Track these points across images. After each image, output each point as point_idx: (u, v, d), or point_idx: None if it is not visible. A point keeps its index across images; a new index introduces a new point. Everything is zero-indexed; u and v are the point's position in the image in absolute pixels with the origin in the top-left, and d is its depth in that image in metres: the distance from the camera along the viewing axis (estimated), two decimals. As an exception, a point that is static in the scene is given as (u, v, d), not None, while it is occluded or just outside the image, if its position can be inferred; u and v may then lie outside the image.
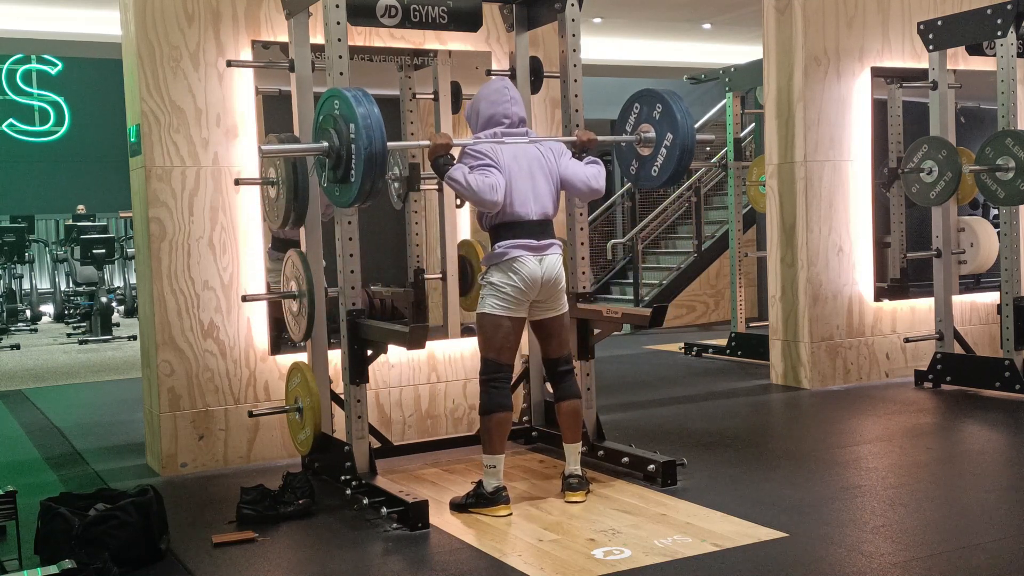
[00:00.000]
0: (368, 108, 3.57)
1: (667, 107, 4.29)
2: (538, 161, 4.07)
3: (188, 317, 4.82)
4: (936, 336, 6.35)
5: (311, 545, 3.70)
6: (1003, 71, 5.96)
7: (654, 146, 4.36)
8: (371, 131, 3.54)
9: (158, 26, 4.74)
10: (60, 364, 9.52)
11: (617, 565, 3.31)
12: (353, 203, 3.71)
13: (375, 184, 3.61)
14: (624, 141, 4.46)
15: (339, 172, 3.70)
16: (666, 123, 4.30)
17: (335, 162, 3.71)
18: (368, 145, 3.53)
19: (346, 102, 3.63)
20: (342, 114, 3.66)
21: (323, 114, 3.79)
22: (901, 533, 3.56)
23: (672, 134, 4.27)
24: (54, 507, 3.54)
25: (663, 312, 4.31)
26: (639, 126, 4.41)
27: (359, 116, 3.55)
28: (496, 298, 3.99)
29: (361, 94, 3.63)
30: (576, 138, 4.30)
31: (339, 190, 3.75)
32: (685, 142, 4.25)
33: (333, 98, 3.74)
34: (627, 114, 4.48)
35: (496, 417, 3.99)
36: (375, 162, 3.55)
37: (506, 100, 4.11)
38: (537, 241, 4.01)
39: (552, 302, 4.10)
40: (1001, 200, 5.95)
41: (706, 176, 11.28)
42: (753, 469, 4.54)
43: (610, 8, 10.95)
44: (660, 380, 7.32)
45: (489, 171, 3.93)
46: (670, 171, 4.32)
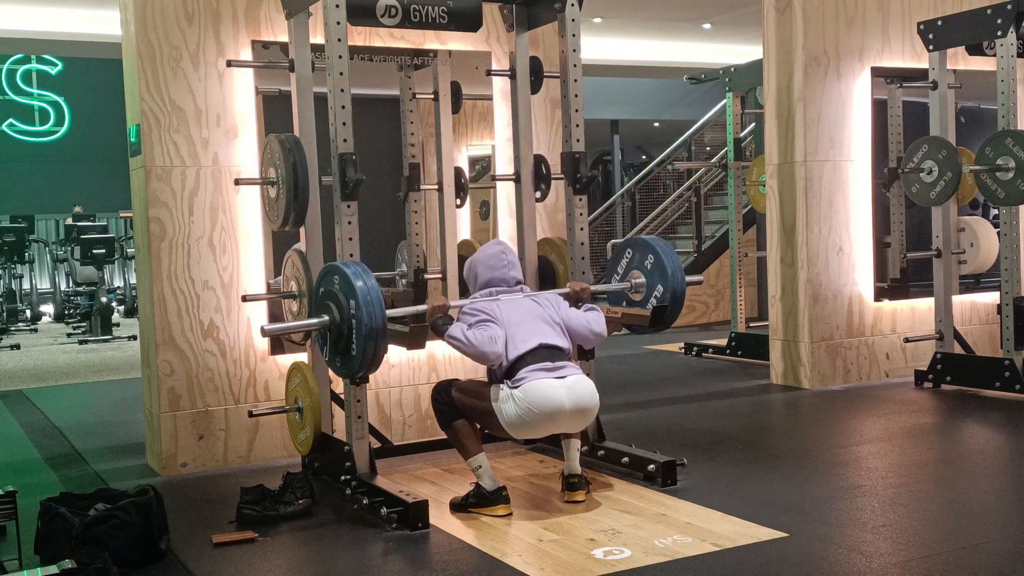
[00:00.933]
0: (366, 282, 3.67)
1: (658, 259, 4.36)
2: (537, 312, 4.11)
3: (188, 317, 4.82)
4: (936, 336, 6.35)
5: (311, 545, 3.70)
6: (1003, 71, 5.96)
7: (645, 294, 4.43)
8: (371, 308, 3.63)
9: (158, 26, 4.74)
10: (60, 364, 9.52)
11: (617, 565, 3.31)
12: (355, 373, 3.79)
13: (376, 354, 3.69)
14: (616, 289, 4.52)
15: (340, 345, 3.79)
16: (656, 274, 4.37)
17: (336, 336, 3.79)
18: (369, 322, 3.62)
19: (345, 279, 3.70)
20: (342, 290, 3.73)
21: (323, 288, 3.86)
22: (901, 533, 3.56)
23: (662, 286, 4.34)
24: (54, 507, 3.54)
25: (663, 312, 4.32)
26: (629, 272, 4.49)
27: (358, 292, 3.63)
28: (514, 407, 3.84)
29: (360, 270, 3.73)
30: (569, 290, 4.33)
31: (341, 360, 3.83)
32: (675, 293, 4.32)
33: (332, 274, 3.81)
34: (619, 258, 4.56)
35: (457, 425, 4.02)
36: (376, 334, 3.64)
37: (504, 265, 4.20)
38: (552, 363, 3.93)
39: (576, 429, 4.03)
40: (1001, 200, 5.95)
41: (706, 176, 11.28)
42: (753, 469, 4.54)
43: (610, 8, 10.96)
44: (660, 380, 7.32)
45: (487, 325, 3.96)
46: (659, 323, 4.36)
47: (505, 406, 3.87)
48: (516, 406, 3.84)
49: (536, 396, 3.82)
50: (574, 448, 4.13)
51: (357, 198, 4.17)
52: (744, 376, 7.21)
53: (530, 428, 3.92)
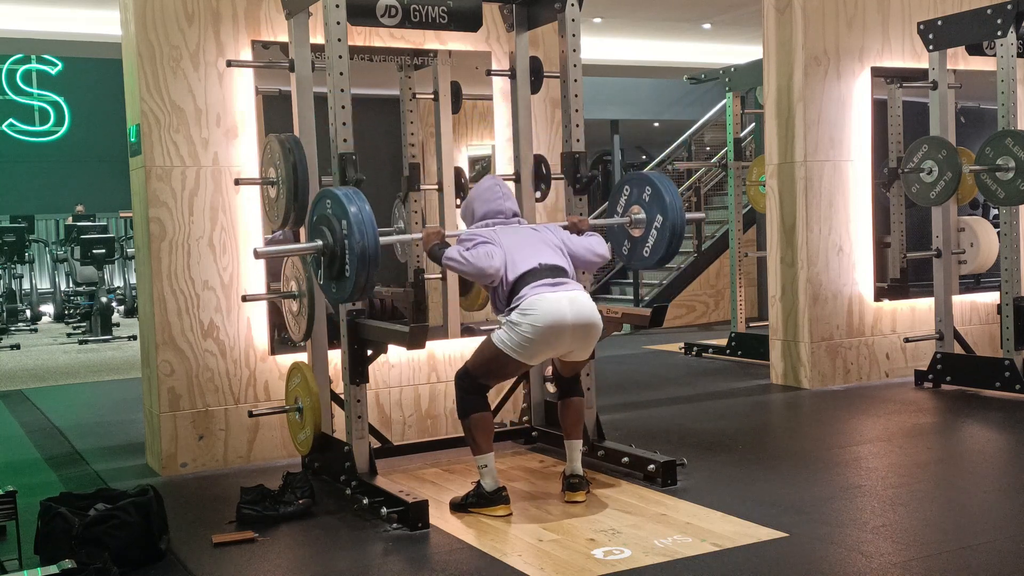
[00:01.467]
0: (359, 206, 3.65)
1: (656, 189, 4.34)
2: (537, 236, 4.10)
3: (188, 317, 4.82)
4: (936, 336, 6.35)
5: (311, 545, 3.70)
6: (1003, 71, 5.96)
7: (644, 227, 4.41)
8: (363, 228, 3.61)
9: (158, 26, 4.74)
10: (60, 364, 9.52)
11: (617, 565, 3.31)
12: (350, 298, 3.76)
13: (370, 278, 3.67)
14: (615, 223, 4.51)
15: (334, 269, 3.76)
16: (656, 205, 4.34)
17: (330, 260, 3.77)
18: (361, 240, 3.60)
19: (337, 201, 3.70)
20: (334, 213, 3.72)
21: (316, 214, 3.85)
22: (901, 533, 3.56)
23: (662, 216, 4.32)
24: (54, 507, 3.54)
25: (663, 312, 4.33)
26: (629, 208, 4.46)
27: (351, 214, 3.62)
28: (509, 335, 3.82)
29: (352, 192, 3.71)
30: (567, 222, 4.33)
31: (335, 286, 3.81)
32: (675, 224, 4.30)
33: (325, 198, 3.80)
34: (617, 196, 4.54)
35: (474, 418, 3.97)
36: (368, 257, 3.62)
37: (499, 197, 4.18)
38: (554, 279, 3.91)
39: (582, 352, 3.99)
40: (1001, 200, 5.95)
41: (706, 176, 11.28)
42: (753, 469, 4.54)
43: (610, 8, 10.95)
44: (660, 380, 7.32)
45: (484, 245, 3.95)
46: (661, 252, 4.35)
47: (507, 334, 3.82)
48: (517, 326, 3.79)
49: (536, 308, 3.77)
50: (576, 448, 4.13)
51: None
52: (744, 376, 7.21)
53: (537, 345, 3.80)
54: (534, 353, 3.86)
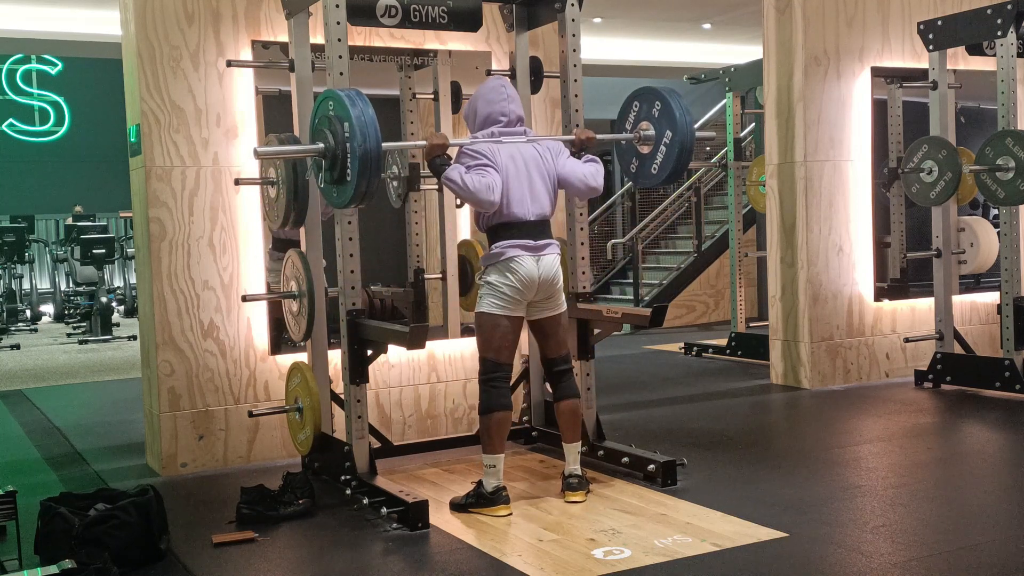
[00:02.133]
0: (362, 108, 3.58)
1: (666, 104, 4.28)
2: (535, 161, 4.06)
3: (188, 317, 4.82)
4: (936, 336, 6.35)
5: (311, 545, 3.70)
6: (1003, 71, 5.96)
7: (653, 144, 4.34)
8: (365, 129, 3.55)
9: (158, 26, 4.74)
10: (60, 364, 9.52)
11: (617, 565, 3.31)
12: (350, 203, 3.71)
13: (371, 183, 3.61)
14: (623, 139, 4.46)
15: (335, 173, 3.70)
16: (665, 121, 4.29)
17: (331, 163, 3.71)
18: (363, 143, 3.53)
19: (340, 102, 3.64)
20: (336, 115, 3.66)
21: (318, 116, 3.80)
22: (901, 533, 3.56)
23: (671, 131, 4.26)
24: (54, 507, 3.54)
25: (663, 312, 4.31)
26: (638, 124, 4.40)
27: (353, 116, 3.56)
28: (494, 297, 3.99)
29: (355, 94, 3.64)
30: (575, 136, 4.29)
31: (336, 191, 3.75)
32: (684, 139, 4.24)
33: (327, 99, 3.75)
34: (626, 112, 4.48)
35: (496, 416, 3.98)
36: (370, 161, 3.55)
37: (503, 98, 4.11)
38: (534, 241, 4.01)
39: (550, 302, 4.10)
40: (1001, 200, 5.95)
41: (706, 176, 11.28)
42: (753, 469, 4.54)
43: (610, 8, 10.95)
44: (660, 380, 7.32)
45: (486, 171, 3.93)
46: (670, 168, 4.30)
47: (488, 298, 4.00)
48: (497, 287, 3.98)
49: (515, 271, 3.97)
50: (574, 450, 4.13)
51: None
52: (744, 376, 7.21)
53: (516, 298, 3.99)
54: (516, 304, 4.02)
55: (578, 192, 4.23)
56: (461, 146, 4.04)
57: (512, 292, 3.98)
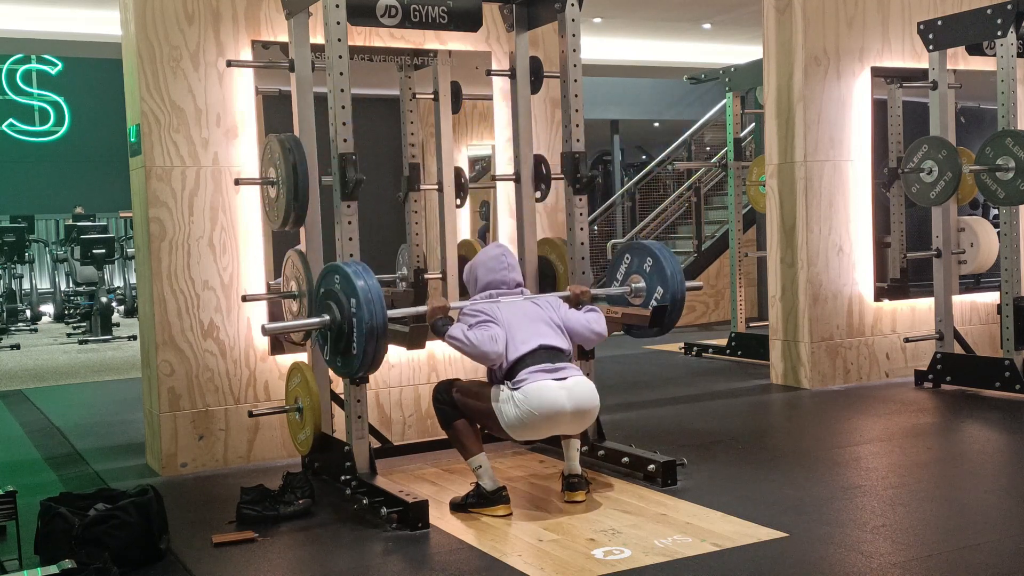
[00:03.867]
0: (367, 281, 3.68)
1: (657, 262, 4.36)
2: (537, 313, 4.10)
3: (188, 317, 4.82)
4: (936, 336, 6.34)
5: (311, 545, 3.70)
6: (1003, 71, 5.96)
7: (644, 298, 4.41)
8: (372, 304, 3.63)
9: (158, 26, 4.74)
10: (60, 364, 9.52)
11: (617, 565, 3.31)
12: (356, 373, 3.79)
13: (378, 353, 3.69)
14: (616, 293, 4.51)
15: (341, 344, 3.79)
16: (656, 277, 4.36)
17: (336, 335, 3.80)
18: (370, 320, 3.63)
19: (346, 278, 3.71)
20: (342, 288, 3.74)
21: (324, 287, 3.87)
22: (901, 533, 3.56)
23: (662, 288, 4.34)
24: (54, 507, 3.54)
25: (663, 312, 4.32)
26: (629, 277, 4.48)
27: (359, 290, 3.65)
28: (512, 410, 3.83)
29: (361, 269, 3.74)
30: (570, 292, 4.33)
31: (342, 361, 3.84)
32: (675, 295, 4.31)
33: (333, 273, 3.82)
34: (618, 264, 4.56)
35: (458, 424, 4.01)
36: (377, 333, 3.64)
37: (503, 267, 4.19)
38: (553, 364, 3.93)
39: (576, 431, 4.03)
40: (1001, 200, 5.95)
41: (706, 176, 11.29)
42: (753, 469, 4.54)
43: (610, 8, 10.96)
44: (660, 380, 7.32)
45: (487, 325, 3.96)
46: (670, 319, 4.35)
47: (505, 407, 3.86)
48: (516, 408, 3.83)
49: (536, 398, 3.82)
50: (574, 448, 4.13)
51: (357, 198, 4.17)
52: (744, 376, 7.21)
53: (530, 430, 3.91)
54: (524, 435, 3.96)
55: (585, 340, 4.25)
56: (461, 309, 4.07)
57: (529, 419, 3.82)
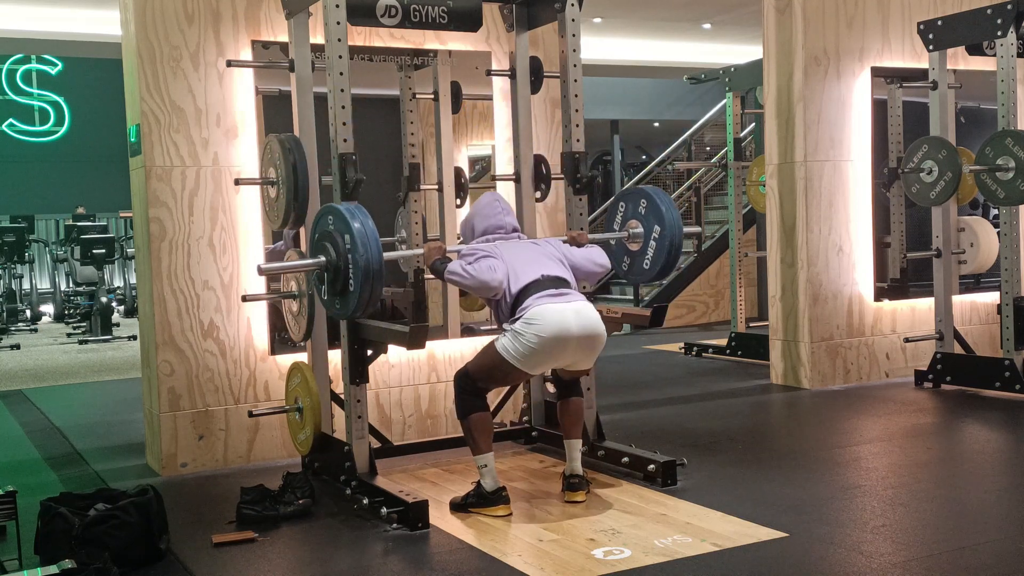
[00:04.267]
0: (363, 221, 3.68)
1: (651, 201, 4.36)
2: (537, 250, 4.11)
3: (188, 317, 4.82)
4: (936, 336, 6.35)
5: (311, 545, 3.70)
6: (1003, 71, 5.96)
7: (643, 240, 4.42)
8: (367, 241, 3.64)
9: (158, 26, 4.74)
10: (60, 364, 9.52)
11: (617, 565, 3.31)
12: (353, 314, 3.77)
13: (374, 293, 3.68)
14: (613, 238, 4.51)
15: (338, 285, 3.79)
16: (652, 217, 4.37)
17: (333, 275, 3.80)
18: (365, 255, 3.62)
19: (340, 217, 3.72)
20: (337, 228, 3.74)
21: (319, 230, 3.87)
22: (901, 533, 3.56)
23: (659, 226, 4.34)
24: (54, 507, 3.54)
25: (663, 312, 4.33)
26: (626, 223, 4.48)
27: (354, 230, 3.65)
28: (513, 343, 3.81)
29: (355, 208, 3.74)
30: (567, 236, 4.34)
31: (339, 302, 3.83)
32: (674, 233, 4.32)
33: (328, 214, 3.83)
34: (613, 213, 4.56)
35: (474, 418, 3.96)
36: (372, 272, 3.64)
37: (499, 212, 4.20)
38: (557, 290, 3.92)
39: (585, 363, 3.99)
40: (1001, 200, 5.95)
41: (706, 176, 11.28)
42: (753, 469, 4.54)
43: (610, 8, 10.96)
44: (660, 380, 7.32)
45: (486, 259, 3.96)
46: (661, 262, 4.37)
47: (511, 343, 3.82)
48: (522, 336, 3.78)
49: (541, 318, 3.76)
50: (575, 448, 4.13)
51: (357, 198, 4.17)
52: (744, 376, 7.21)
53: (540, 356, 3.80)
54: (537, 363, 3.87)
55: (590, 274, 4.24)
56: (459, 251, 4.07)
57: (536, 343, 3.76)
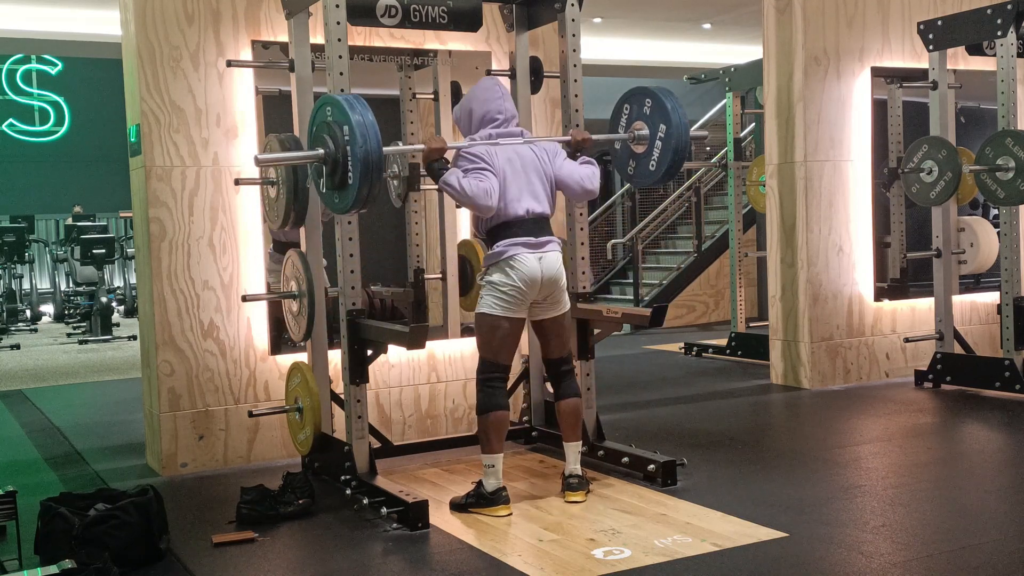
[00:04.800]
0: (361, 111, 3.59)
1: (657, 101, 4.29)
2: (533, 163, 4.07)
3: (188, 317, 4.81)
4: (936, 336, 6.35)
5: (311, 545, 3.70)
6: (1003, 71, 5.96)
7: (648, 141, 4.34)
8: (366, 132, 3.55)
9: (158, 26, 4.74)
10: (60, 364, 9.52)
11: (617, 565, 3.31)
12: (352, 208, 3.69)
13: (373, 187, 3.60)
14: (619, 139, 4.46)
15: (336, 178, 3.69)
16: (658, 116, 4.29)
17: (332, 168, 3.70)
18: (364, 146, 3.53)
19: (339, 107, 3.65)
20: (336, 120, 3.67)
21: (317, 122, 3.81)
22: (901, 533, 3.56)
23: (665, 125, 4.26)
24: (54, 507, 3.54)
25: (663, 312, 4.32)
26: (631, 125, 4.41)
27: (353, 120, 3.56)
28: (495, 298, 3.97)
29: (354, 99, 3.65)
30: (571, 137, 4.30)
31: (338, 196, 3.74)
32: (679, 132, 4.24)
33: (326, 105, 3.76)
34: (618, 116, 4.49)
35: (493, 416, 3.98)
36: (371, 163, 3.54)
37: (497, 97, 4.13)
38: (535, 239, 4.00)
39: (552, 302, 4.09)
40: (1001, 200, 5.95)
41: (706, 176, 11.28)
42: (753, 469, 4.54)
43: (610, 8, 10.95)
44: (660, 380, 7.32)
45: (484, 175, 3.93)
46: (667, 163, 4.29)
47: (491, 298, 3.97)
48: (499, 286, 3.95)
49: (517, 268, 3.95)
50: (574, 450, 4.14)
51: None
52: (744, 376, 7.21)
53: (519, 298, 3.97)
54: (518, 305, 4.00)
55: (574, 194, 4.24)
56: (459, 149, 4.04)
57: (514, 292, 3.96)
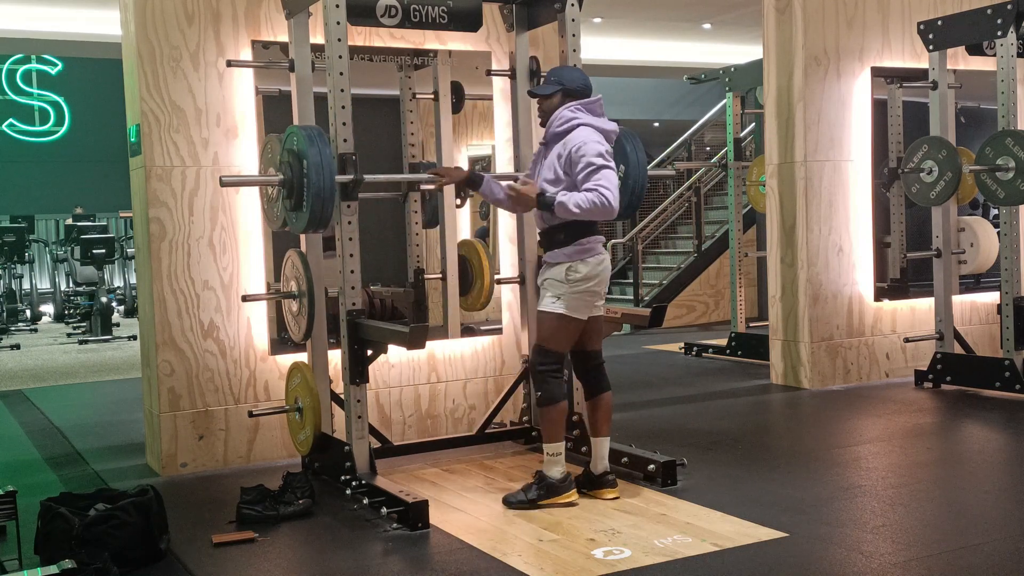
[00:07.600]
0: (319, 147, 3.96)
1: (617, 142, 4.34)
2: None
3: (188, 317, 4.81)
4: (936, 336, 6.35)
5: (311, 545, 3.70)
6: (1003, 71, 5.96)
7: None
8: (320, 169, 3.93)
9: (158, 26, 4.74)
10: (60, 364, 9.52)
11: (617, 565, 3.31)
12: (305, 230, 4.13)
13: (324, 214, 4.01)
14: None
15: (291, 202, 4.13)
16: (617, 157, 4.33)
17: (288, 192, 4.12)
18: (318, 181, 3.93)
19: (301, 139, 4.01)
20: (298, 150, 4.03)
21: (285, 147, 4.14)
22: (901, 533, 3.56)
23: (624, 166, 4.37)
24: (54, 507, 3.54)
25: (663, 312, 4.34)
26: None
27: (310, 155, 3.94)
28: (576, 299, 3.99)
29: (316, 133, 4.01)
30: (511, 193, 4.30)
31: (295, 217, 4.15)
32: (638, 173, 4.39)
33: (292, 135, 4.11)
34: None
35: (560, 406, 4.02)
36: (323, 194, 3.96)
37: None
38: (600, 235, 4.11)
39: (602, 297, 4.19)
40: (1001, 200, 5.95)
41: (706, 176, 11.28)
42: (753, 469, 4.54)
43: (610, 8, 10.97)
44: (660, 380, 7.32)
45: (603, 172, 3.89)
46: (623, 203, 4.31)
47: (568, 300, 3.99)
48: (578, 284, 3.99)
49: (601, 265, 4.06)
50: (605, 446, 4.15)
51: (357, 198, 4.17)
52: (744, 376, 7.21)
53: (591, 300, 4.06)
54: (593, 304, 4.10)
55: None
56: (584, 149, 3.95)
57: (598, 287, 4.05)
